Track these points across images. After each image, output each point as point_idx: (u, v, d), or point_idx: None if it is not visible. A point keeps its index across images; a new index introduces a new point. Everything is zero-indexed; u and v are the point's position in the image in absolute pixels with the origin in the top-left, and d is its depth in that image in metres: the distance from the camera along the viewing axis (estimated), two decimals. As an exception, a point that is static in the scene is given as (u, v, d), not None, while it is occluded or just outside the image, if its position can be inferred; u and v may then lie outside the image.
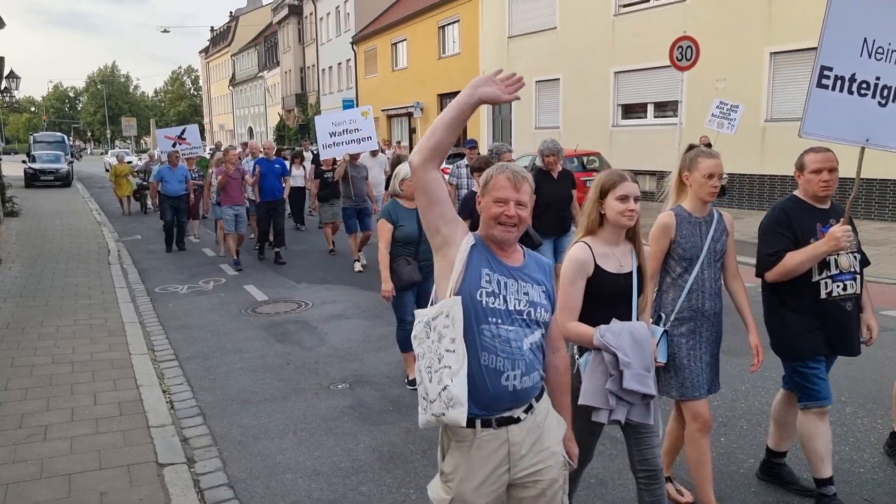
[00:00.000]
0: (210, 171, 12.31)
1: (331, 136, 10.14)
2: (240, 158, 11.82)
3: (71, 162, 32.65)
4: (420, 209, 2.29)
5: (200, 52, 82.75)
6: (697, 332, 3.32)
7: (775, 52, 15.27)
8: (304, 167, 14.49)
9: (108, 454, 4.29)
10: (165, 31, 61.23)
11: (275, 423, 4.87)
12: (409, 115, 32.58)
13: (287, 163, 12.91)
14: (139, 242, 13.90)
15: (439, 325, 2.17)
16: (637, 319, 2.83)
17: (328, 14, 43.17)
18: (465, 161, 8.53)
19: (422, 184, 2.22)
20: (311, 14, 46.22)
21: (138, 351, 6.43)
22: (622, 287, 2.83)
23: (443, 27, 29.66)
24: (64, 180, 28.64)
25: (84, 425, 4.73)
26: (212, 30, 75.84)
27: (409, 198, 5.21)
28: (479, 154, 8.80)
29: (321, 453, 4.38)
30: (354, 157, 10.39)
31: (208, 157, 16.39)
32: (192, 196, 13.11)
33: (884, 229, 12.40)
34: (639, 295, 2.85)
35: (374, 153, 11.75)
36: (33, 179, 28.07)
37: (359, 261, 10.31)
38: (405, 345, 5.31)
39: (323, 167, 11.30)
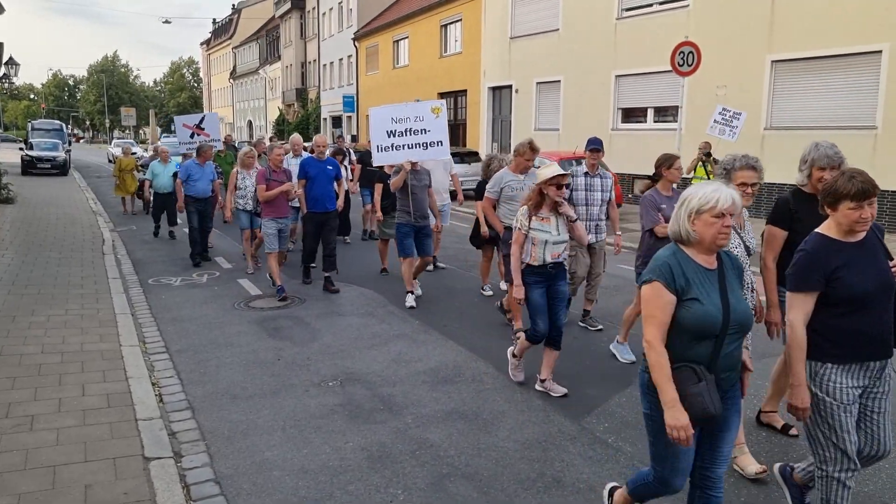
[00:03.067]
0: (235, 170, 10.21)
1: (389, 136, 8.09)
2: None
3: (68, 150, 32.52)
4: None
5: (202, 44, 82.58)
6: None
7: (776, 61, 15.26)
8: (345, 166, 12.01)
9: (94, 446, 4.25)
10: (167, 21, 60.70)
11: (264, 419, 4.83)
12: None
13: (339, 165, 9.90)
14: (134, 233, 13.83)
15: None
16: None
17: (330, 9, 43.10)
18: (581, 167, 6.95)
19: None
20: (313, 9, 46.12)
21: (129, 342, 6.38)
22: None
23: (445, 26, 29.62)
24: (61, 168, 28.55)
25: (71, 416, 4.69)
26: (214, 22, 75.71)
27: None
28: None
29: (309, 451, 4.34)
30: (416, 163, 8.08)
31: (232, 151, 14.44)
32: (218, 197, 11.22)
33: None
34: None
35: None
36: (30, 167, 27.96)
37: (413, 292, 8.04)
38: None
39: (386, 170, 8.89)
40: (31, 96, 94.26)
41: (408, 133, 8.07)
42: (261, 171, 8.60)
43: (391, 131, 8.06)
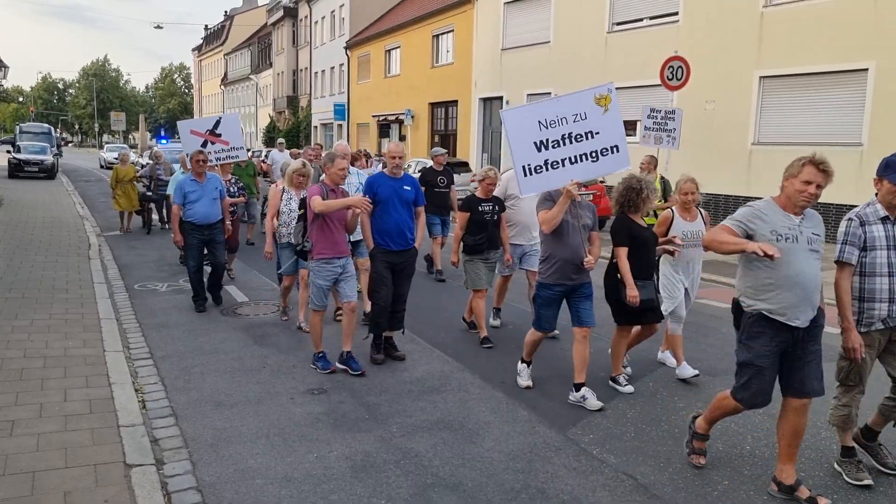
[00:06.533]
0: (279, 188, 7.46)
1: (539, 150, 5.35)
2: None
3: (56, 154, 32.31)
4: None
5: (193, 50, 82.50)
6: None
7: (764, 77, 15.43)
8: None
9: (74, 452, 4.20)
10: (158, 27, 60.52)
11: (248, 427, 4.79)
12: (400, 122, 32.59)
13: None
14: (121, 237, 13.74)
15: None
16: None
17: (323, 18, 43.22)
18: None
19: None
20: (305, 17, 46.24)
21: (113, 348, 6.32)
22: None
23: (437, 36, 29.77)
24: (48, 172, 28.36)
25: (52, 422, 4.63)
26: (206, 28, 75.66)
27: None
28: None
29: (293, 459, 4.31)
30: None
31: (257, 160, 12.45)
32: (228, 223, 8.57)
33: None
34: None
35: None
36: (17, 170, 27.76)
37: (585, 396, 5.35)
38: None
39: (477, 194, 7.02)
40: (20, 99, 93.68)
41: (566, 141, 5.36)
42: (314, 187, 5.97)
43: (542, 142, 5.35)
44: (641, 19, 18.79)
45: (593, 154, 5.36)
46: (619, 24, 19.49)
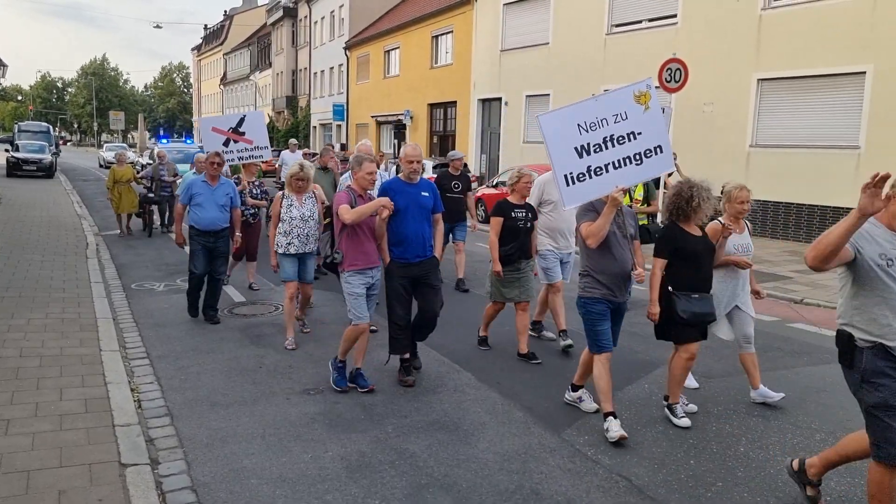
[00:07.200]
0: (280, 194, 6.97)
1: (581, 156, 4.91)
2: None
3: (55, 153, 32.30)
4: None
5: (193, 50, 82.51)
6: None
7: (762, 79, 15.45)
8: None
9: (69, 451, 4.20)
10: (158, 26, 60.56)
11: (243, 427, 4.80)
12: (399, 122, 32.61)
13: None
14: (119, 237, 13.73)
15: None
16: None
17: (322, 18, 43.24)
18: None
19: None
20: (305, 17, 46.25)
21: (109, 347, 6.33)
22: None
23: (436, 37, 29.78)
24: (47, 171, 28.36)
25: (48, 421, 4.64)
26: (205, 28, 75.66)
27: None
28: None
29: (288, 459, 4.32)
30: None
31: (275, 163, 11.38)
32: (238, 234, 7.90)
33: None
34: None
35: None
36: (15, 168, 27.75)
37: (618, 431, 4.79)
38: None
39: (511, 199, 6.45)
40: (19, 98, 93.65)
41: (609, 144, 4.94)
42: (341, 194, 5.54)
43: (583, 147, 4.89)
44: (640, 21, 18.82)
45: (637, 157, 4.95)
46: (617, 25, 19.52)
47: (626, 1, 19.22)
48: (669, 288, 4.85)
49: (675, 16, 17.65)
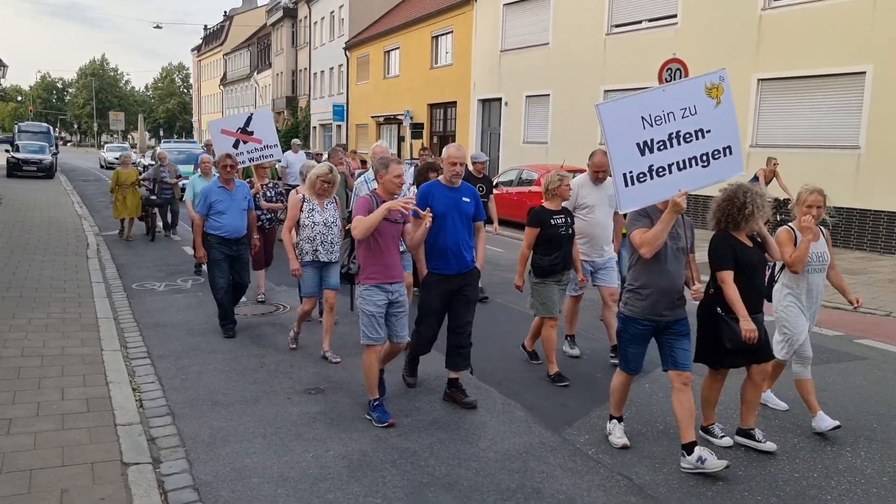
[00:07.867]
0: (298, 196, 6.45)
1: (643, 153, 4.34)
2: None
3: (55, 153, 32.31)
4: None
5: (193, 50, 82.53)
6: None
7: (762, 79, 15.47)
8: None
9: (71, 451, 4.21)
10: (157, 27, 60.54)
11: (245, 426, 4.81)
12: (399, 122, 32.61)
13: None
14: (119, 237, 13.73)
15: None
16: None
17: (322, 18, 43.25)
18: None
19: None
20: (305, 18, 46.27)
21: (110, 347, 6.34)
22: None
23: (436, 37, 29.79)
24: (47, 171, 28.38)
25: (49, 420, 4.65)
26: (205, 28, 75.68)
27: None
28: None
29: (290, 458, 4.33)
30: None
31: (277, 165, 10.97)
32: (256, 238, 7.55)
33: (861, 259, 12.54)
34: None
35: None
36: (16, 169, 27.76)
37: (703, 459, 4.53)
38: None
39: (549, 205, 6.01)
40: (19, 98, 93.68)
41: (674, 141, 4.34)
42: (362, 199, 4.99)
43: (646, 143, 4.31)
44: (640, 21, 18.83)
45: (704, 158, 4.37)
46: (617, 26, 19.53)
47: (626, 1, 19.24)
48: (718, 309, 4.42)
49: (675, 16, 17.67)
